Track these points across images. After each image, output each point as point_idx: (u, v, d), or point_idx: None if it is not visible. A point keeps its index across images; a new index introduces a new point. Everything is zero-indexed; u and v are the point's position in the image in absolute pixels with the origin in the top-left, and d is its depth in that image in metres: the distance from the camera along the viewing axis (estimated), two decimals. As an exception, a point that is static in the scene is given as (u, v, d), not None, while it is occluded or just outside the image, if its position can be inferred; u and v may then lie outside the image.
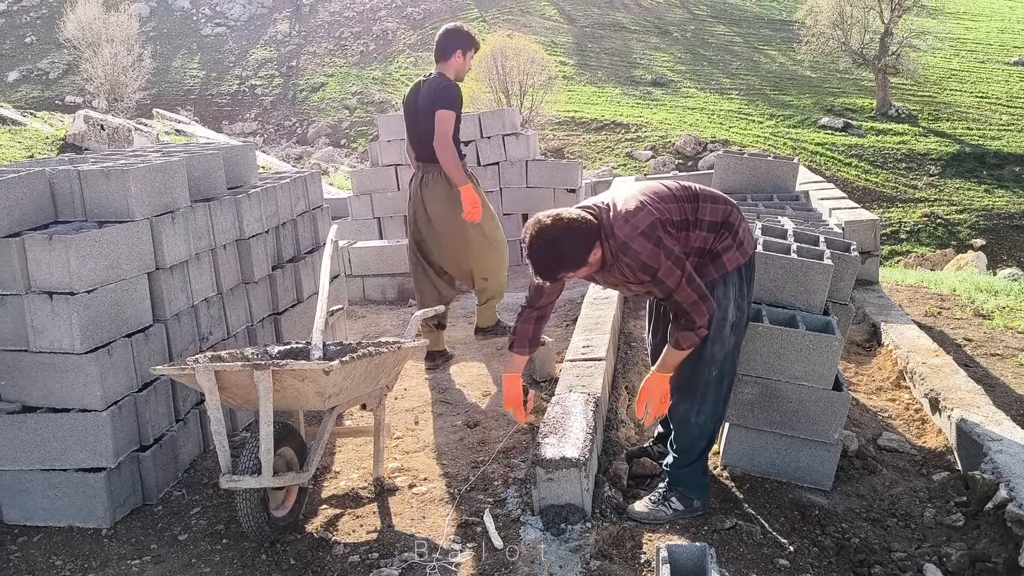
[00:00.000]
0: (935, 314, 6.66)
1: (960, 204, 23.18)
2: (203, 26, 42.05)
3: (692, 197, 2.96)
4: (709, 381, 3.09)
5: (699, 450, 3.18)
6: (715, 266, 2.98)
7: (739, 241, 2.99)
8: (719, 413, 3.20)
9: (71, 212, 3.68)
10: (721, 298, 2.98)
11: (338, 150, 31.04)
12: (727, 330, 3.03)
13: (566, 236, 2.73)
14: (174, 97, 35.56)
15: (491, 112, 7.89)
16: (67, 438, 3.40)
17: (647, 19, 40.03)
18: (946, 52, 33.59)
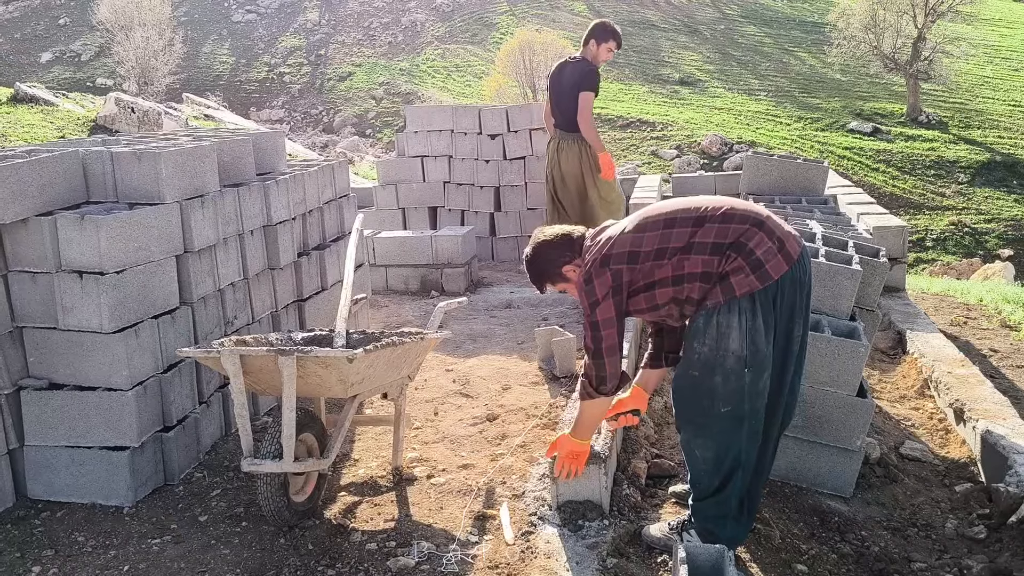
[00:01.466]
0: (961, 324, 6.58)
1: (988, 214, 22.89)
2: (234, 13, 42.30)
3: (697, 220, 2.73)
4: (713, 415, 2.76)
5: (709, 487, 2.86)
6: (722, 288, 2.67)
7: (755, 263, 2.64)
8: (736, 456, 2.79)
9: (103, 193, 3.72)
10: (722, 324, 2.67)
11: (363, 140, 31.16)
12: (731, 362, 2.69)
13: (542, 250, 3.01)
14: (203, 82, 35.81)
15: (519, 107, 7.87)
16: (92, 416, 3.44)
17: (677, 17, 39.80)
18: (980, 59, 33.15)
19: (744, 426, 2.76)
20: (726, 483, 2.82)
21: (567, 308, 6.00)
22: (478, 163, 7.85)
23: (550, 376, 4.67)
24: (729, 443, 2.78)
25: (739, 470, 2.81)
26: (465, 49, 37.73)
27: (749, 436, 2.79)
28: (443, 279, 6.56)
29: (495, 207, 7.93)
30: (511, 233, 7.90)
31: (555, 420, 4.06)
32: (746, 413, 2.75)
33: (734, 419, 2.75)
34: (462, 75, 35.65)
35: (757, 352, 2.68)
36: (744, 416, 2.75)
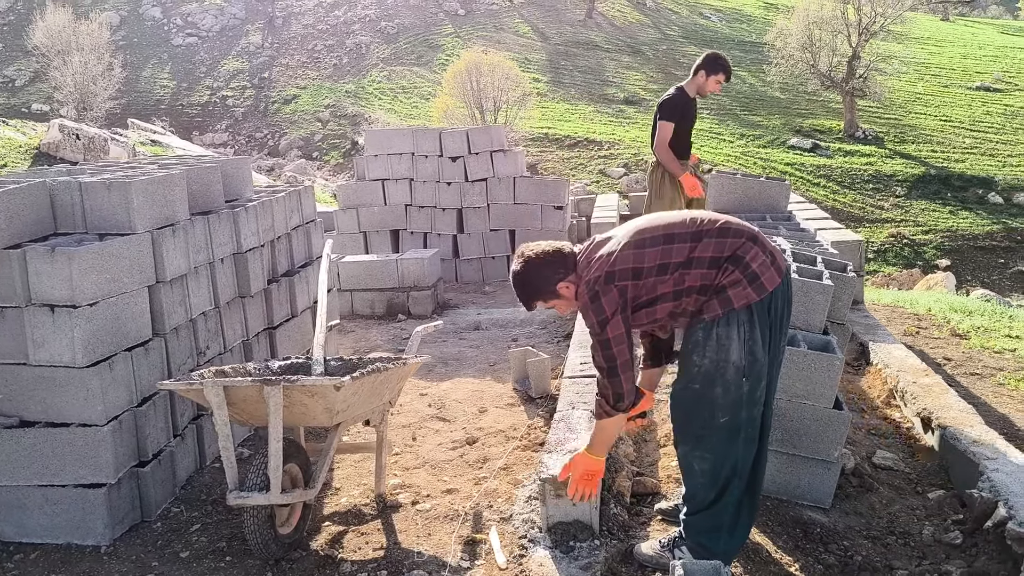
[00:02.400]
0: (914, 334, 6.77)
1: (926, 225, 23.62)
2: (174, 36, 41.67)
3: (694, 235, 2.77)
4: (713, 426, 2.80)
5: (706, 499, 2.86)
6: (720, 301, 2.72)
7: (752, 276, 2.70)
8: (734, 467, 2.82)
9: (71, 224, 3.64)
10: (723, 337, 2.72)
11: (310, 163, 30.86)
12: (731, 373, 2.73)
13: (535, 267, 2.87)
14: (144, 107, 35.16)
15: (479, 128, 7.92)
16: (66, 453, 3.34)
17: (619, 38, 40.41)
18: (911, 76, 34.30)
19: (741, 435, 2.81)
20: (722, 494, 2.85)
21: (536, 328, 6.03)
22: (440, 185, 7.86)
23: (525, 397, 4.68)
24: (727, 453, 2.82)
25: (735, 479, 2.85)
26: (411, 71, 37.73)
27: (745, 445, 2.83)
28: (410, 302, 6.54)
29: (458, 229, 7.94)
30: (475, 255, 7.92)
31: (536, 441, 4.06)
32: (743, 422, 2.79)
33: (732, 429, 2.79)
34: (409, 97, 35.63)
35: (755, 362, 2.74)
36: (741, 425, 2.79)
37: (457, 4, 43.38)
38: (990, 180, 25.40)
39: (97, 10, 39.00)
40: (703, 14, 44.79)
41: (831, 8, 29.05)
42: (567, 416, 3.67)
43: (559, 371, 4.89)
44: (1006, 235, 22.52)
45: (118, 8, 43.33)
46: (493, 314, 6.44)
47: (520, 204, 7.84)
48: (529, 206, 7.82)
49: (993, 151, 27.69)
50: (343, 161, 31.43)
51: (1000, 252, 21.95)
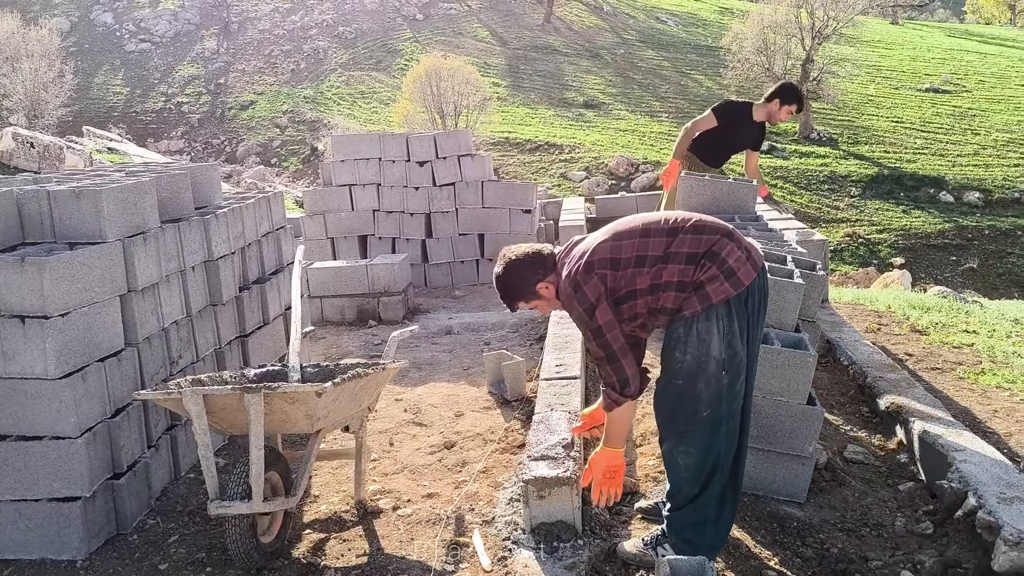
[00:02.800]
0: (875, 330, 6.91)
1: (880, 224, 24.11)
2: (127, 42, 41.02)
3: (670, 231, 2.83)
4: (696, 421, 2.84)
5: (690, 494, 2.91)
6: (699, 297, 2.76)
7: (728, 271, 2.76)
8: (716, 460, 2.87)
9: (39, 233, 3.58)
10: (703, 332, 2.77)
11: (269, 169, 30.58)
12: (712, 367, 2.78)
13: (515, 269, 2.93)
14: (96, 114, 34.54)
15: (446, 133, 7.93)
16: (39, 467, 3.28)
17: (578, 43, 40.67)
18: (863, 79, 35.02)
19: (722, 428, 2.86)
20: (705, 488, 2.89)
21: (507, 332, 6.04)
22: (407, 190, 7.85)
23: (501, 400, 4.70)
24: (710, 446, 2.86)
25: (717, 473, 2.89)
26: (370, 76, 37.58)
27: (727, 437, 2.88)
28: (380, 308, 6.52)
29: (426, 234, 7.94)
30: (444, 259, 7.92)
31: (514, 444, 4.08)
32: (724, 415, 2.85)
33: (714, 422, 2.84)
34: (368, 102, 35.48)
35: (734, 355, 2.80)
36: (723, 418, 2.85)
37: (415, 9, 43.33)
38: (941, 180, 26.02)
39: (46, 16, 38.23)
40: (659, 18, 45.29)
41: (785, 12, 29.59)
42: (546, 418, 3.69)
43: (534, 374, 4.92)
44: (957, 233, 23.08)
45: (68, 14, 42.55)
46: (464, 318, 6.44)
47: (488, 208, 7.86)
48: (497, 210, 7.85)
49: (943, 151, 28.38)
50: (302, 167, 31.19)
51: (952, 250, 22.49)
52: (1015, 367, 5.56)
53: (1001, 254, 22.01)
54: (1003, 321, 7.33)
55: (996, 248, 22.28)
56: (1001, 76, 36.34)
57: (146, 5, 43.97)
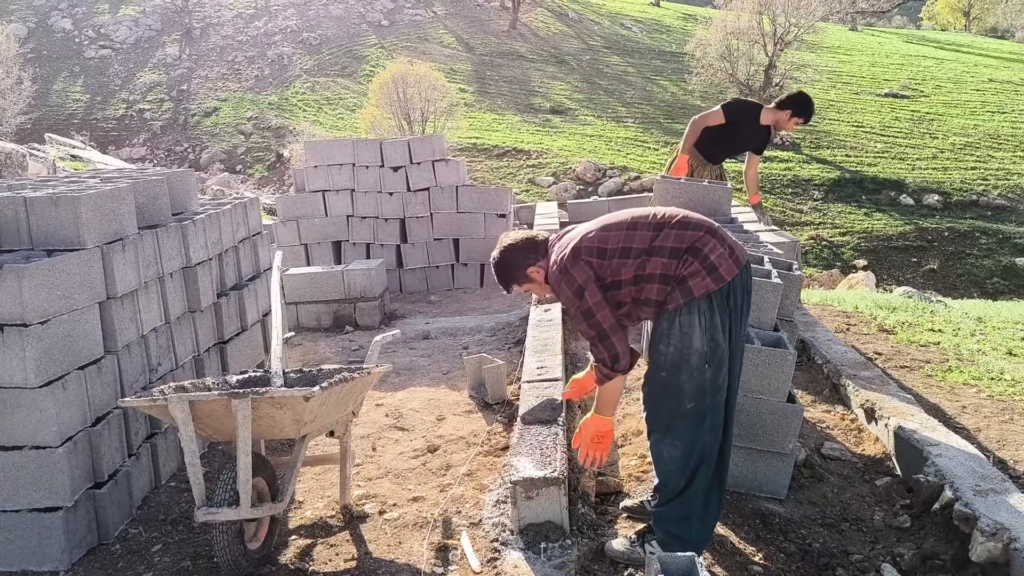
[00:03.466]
0: (844, 330, 7.03)
1: (843, 227, 24.48)
2: (86, 49, 40.37)
3: (656, 226, 2.92)
4: (680, 413, 2.92)
5: (676, 487, 2.97)
6: (681, 291, 2.85)
7: (710, 267, 2.84)
8: (701, 453, 2.95)
9: (15, 241, 3.53)
10: (685, 325, 2.85)
11: (234, 176, 30.25)
12: (695, 360, 2.86)
13: (509, 253, 3.09)
14: (56, 121, 33.95)
15: (420, 138, 7.93)
16: (20, 477, 3.23)
17: (544, 49, 40.83)
18: (824, 84, 35.55)
19: (706, 420, 2.93)
20: (692, 481, 2.96)
21: (485, 335, 6.06)
22: (381, 196, 7.84)
23: (482, 404, 4.71)
24: (695, 438, 2.93)
25: (703, 466, 2.96)
26: (335, 82, 37.38)
27: (711, 430, 2.96)
28: (356, 313, 6.50)
29: (401, 239, 7.92)
30: (419, 264, 7.91)
31: (498, 447, 4.10)
32: (707, 408, 2.92)
33: (698, 415, 2.92)
34: (334, 108, 35.28)
35: (716, 348, 2.88)
36: (706, 411, 2.92)
37: (381, 15, 43.21)
38: (901, 183, 26.50)
39: (2, 21, 37.51)
40: (624, 25, 45.63)
41: (748, 19, 29.99)
42: (528, 423, 3.71)
43: (514, 377, 4.94)
44: (918, 235, 23.51)
45: (25, 20, 41.79)
46: (441, 323, 6.44)
47: (463, 213, 7.87)
48: (472, 215, 7.86)
49: (903, 155, 28.92)
50: (268, 174, 30.91)
51: (913, 251, 22.90)
52: (980, 364, 5.69)
53: (960, 255, 22.47)
54: (967, 320, 7.50)
55: (955, 249, 22.73)
56: (957, 81, 37.16)
57: (106, 11, 43.35)
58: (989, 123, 31.53)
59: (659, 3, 52.23)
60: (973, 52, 44.59)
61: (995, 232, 23.28)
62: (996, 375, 5.32)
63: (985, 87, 36.22)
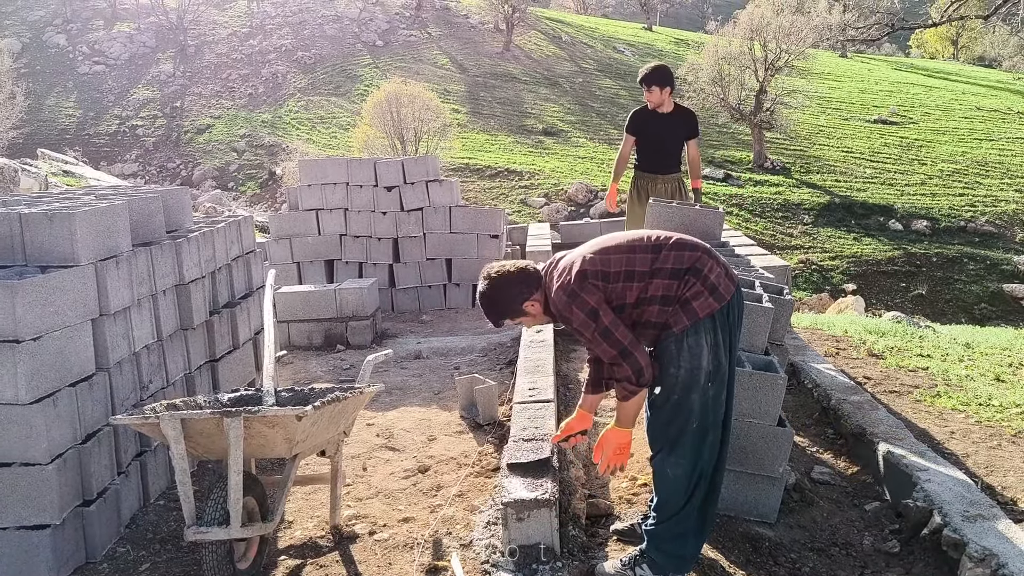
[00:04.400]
0: (834, 354, 7.06)
1: (832, 251, 24.63)
2: (80, 64, 40.42)
3: (655, 247, 2.94)
4: (685, 431, 2.95)
5: (677, 505, 3.00)
6: (686, 312, 2.88)
7: (711, 287, 2.89)
8: (702, 469, 2.99)
9: (10, 257, 3.53)
10: (693, 346, 2.89)
11: (226, 193, 30.26)
12: (703, 379, 2.90)
13: (501, 287, 2.98)
14: (48, 136, 33.91)
15: (414, 159, 7.97)
16: (7, 494, 3.22)
17: (537, 71, 41.11)
18: (814, 110, 35.91)
19: (708, 438, 2.98)
20: (691, 498, 2.99)
21: (477, 356, 6.06)
22: (375, 215, 7.86)
23: (473, 424, 4.71)
24: (698, 456, 2.97)
25: (702, 482, 3.00)
26: (329, 101, 37.49)
27: (711, 447, 3.00)
28: (348, 332, 6.49)
29: (394, 258, 7.94)
30: (411, 284, 7.93)
31: (489, 468, 4.09)
32: (709, 425, 2.97)
33: (702, 432, 2.95)
34: (327, 127, 35.37)
35: (719, 367, 2.93)
36: (708, 428, 2.97)
37: (375, 35, 43.44)
38: (890, 208, 26.71)
39: (-3, 36, 37.58)
40: (616, 48, 46.02)
41: (739, 44, 30.26)
42: (519, 444, 3.71)
43: (506, 398, 4.95)
44: (907, 260, 23.67)
45: (19, 35, 41.86)
46: (433, 343, 6.45)
47: (456, 233, 7.90)
48: (465, 235, 7.89)
49: (892, 180, 29.17)
50: (260, 192, 30.92)
51: (902, 276, 23.05)
52: (969, 390, 5.72)
53: (948, 280, 22.62)
54: (955, 345, 7.54)
55: (943, 275, 22.89)
56: (946, 108, 37.58)
57: (100, 27, 43.45)
58: (977, 150, 31.87)
59: (652, 28, 52.70)
60: (961, 80, 45.13)
61: (983, 258, 23.48)
62: (984, 401, 5.35)
63: (973, 115, 36.65)
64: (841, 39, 35.83)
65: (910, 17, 38.72)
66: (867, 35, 27.72)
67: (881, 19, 25.31)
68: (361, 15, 44.73)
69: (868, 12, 30.08)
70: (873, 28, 25.50)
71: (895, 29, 23.48)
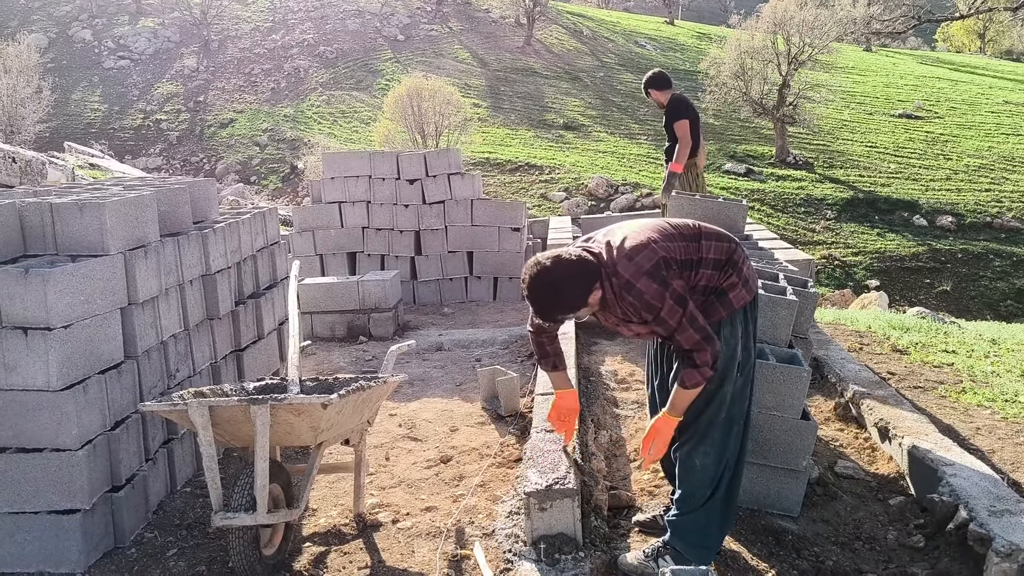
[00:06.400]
0: (857, 349, 7.02)
1: (855, 247, 24.43)
2: (105, 59, 40.84)
3: (695, 235, 2.88)
4: (715, 423, 2.95)
5: (702, 497, 2.99)
6: (723, 304, 2.88)
7: (744, 279, 2.90)
8: (728, 460, 2.99)
9: (41, 246, 3.58)
10: (729, 337, 2.89)
11: (248, 187, 30.49)
12: (735, 370, 2.92)
13: (566, 279, 2.70)
14: (74, 130, 34.32)
15: (436, 152, 7.99)
16: (39, 479, 3.27)
17: (558, 65, 41.04)
18: (838, 104, 35.58)
19: (734, 428, 2.99)
20: (717, 489, 3.00)
21: (498, 348, 6.08)
22: (397, 208, 7.89)
23: (495, 416, 4.73)
24: (725, 446, 2.98)
25: (727, 473, 3.01)
26: (350, 95, 37.65)
27: (736, 438, 3.01)
28: (370, 324, 6.53)
29: (416, 251, 7.97)
30: (433, 276, 7.95)
31: (511, 458, 4.11)
32: (736, 416, 2.98)
33: (728, 423, 2.97)
34: (348, 121, 35.52)
35: (748, 358, 2.96)
36: (735, 419, 2.98)
37: (396, 30, 43.55)
38: (914, 203, 26.45)
39: (24, 31, 38.00)
40: (638, 43, 45.82)
41: (762, 38, 30.04)
42: (542, 435, 3.72)
43: (527, 389, 4.96)
44: (931, 256, 23.44)
45: (46, 30, 42.35)
46: (454, 335, 6.47)
47: (478, 226, 7.92)
48: (487, 228, 7.91)
49: (916, 176, 28.87)
50: (281, 185, 31.12)
51: (926, 272, 22.83)
52: (995, 386, 5.67)
53: (974, 277, 22.38)
54: (981, 342, 7.47)
55: (969, 271, 22.64)
56: (971, 103, 37.11)
57: (125, 23, 43.86)
58: (1003, 145, 31.45)
59: (673, 22, 52.42)
60: (988, 74, 44.54)
61: (1009, 254, 23.19)
62: (1010, 397, 5.31)
63: (1000, 109, 36.16)
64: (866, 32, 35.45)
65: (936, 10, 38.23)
66: (892, 28, 27.39)
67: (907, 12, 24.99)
68: (382, 10, 44.83)
69: (893, 5, 29.67)
70: (899, 21, 25.18)
71: (921, 22, 23.19)
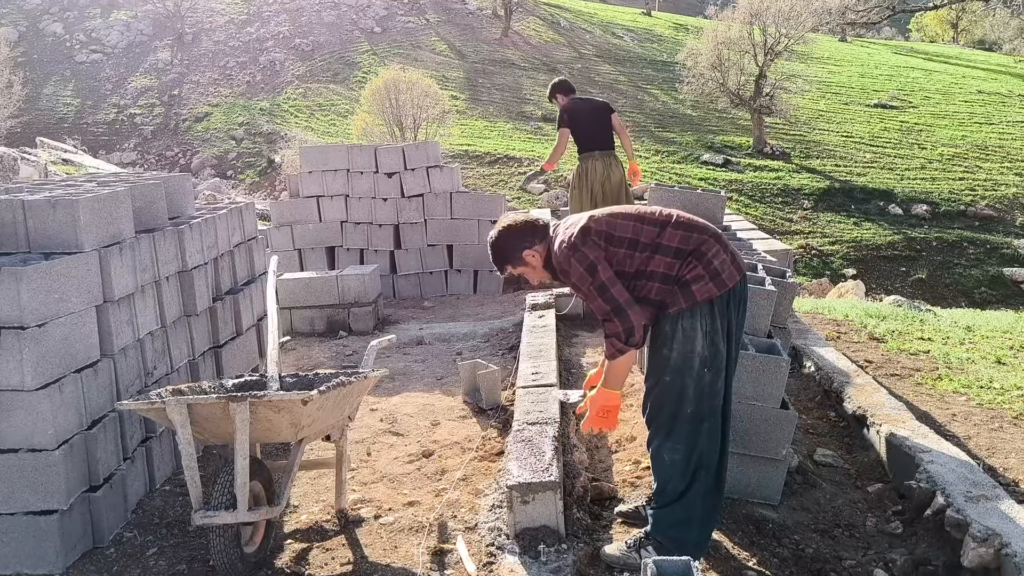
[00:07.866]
0: (835, 338, 7.08)
1: (832, 236, 24.60)
2: (77, 52, 40.25)
3: (661, 222, 2.92)
4: (681, 417, 2.94)
5: (675, 491, 2.99)
6: (684, 295, 2.86)
7: (713, 272, 2.87)
8: (701, 457, 2.98)
9: (13, 244, 3.53)
10: (688, 329, 2.87)
11: (225, 182, 30.20)
12: (697, 364, 2.89)
13: (506, 234, 3.07)
14: (46, 125, 33.80)
15: (415, 144, 7.96)
16: (15, 480, 3.23)
17: (535, 57, 40.94)
18: (814, 95, 35.76)
19: (704, 425, 2.95)
20: (691, 485, 2.98)
21: (479, 342, 6.07)
22: (376, 201, 7.85)
23: (476, 409, 4.72)
24: (694, 443, 2.95)
25: (702, 470, 2.98)
26: (328, 88, 37.36)
27: (709, 435, 2.98)
28: (350, 318, 6.50)
29: (395, 245, 7.94)
30: (412, 270, 7.93)
31: (493, 452, 4.11)
32: (706, 412, 2.94)
33: (696, 419, 2.94)
34: (326, 114, 35.26)
35: (716, 354, 2.91)
36: (704, 415, 2.94)
37: (373, 23, 43.25)
38: (890, 193, 26.67)
39: (-7, 25, 37.40)
40: (615, 34, 45.81)
41: (739, 29, 30.11)
42: (523, 428, 3.73)
43: (509, 382, 4.96)
44: (906, 245, 23.65)
45: (16, 23, 41.65)
46: (435, 329, 6.45)
47: (457, 219, 7.90)
48: (466, 221, 7.89)
49: (891, 165, 29.11)
50: (259, 179, 30.85)
51: (901, 261, 23.04)
52: (970, 373, 5.74)
53: (948, 265, 22.62)
54: (956, 329, 7.56)
55: (943, 259, 22.88)
56: (945, 92, 37.47)
57: (97, 16, 43.24)
58: (977, 134, 31.79)
59: (651, 13, 52.45)
60: (961, 64, 44.95)
61: (983, 242, 23.46)
62: (985, 383, 5.37)
63: (973, 99, 36.54)
64: (841, 23, 35.68)
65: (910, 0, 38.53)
66: (867, 19, 27.61)
67: (881, 2, 25.17)
68: (359, 2, 44.51)
69: (868, -4, 29.92)
70: (873, 11, 25.37)
71: (895, 12, 23.37)
